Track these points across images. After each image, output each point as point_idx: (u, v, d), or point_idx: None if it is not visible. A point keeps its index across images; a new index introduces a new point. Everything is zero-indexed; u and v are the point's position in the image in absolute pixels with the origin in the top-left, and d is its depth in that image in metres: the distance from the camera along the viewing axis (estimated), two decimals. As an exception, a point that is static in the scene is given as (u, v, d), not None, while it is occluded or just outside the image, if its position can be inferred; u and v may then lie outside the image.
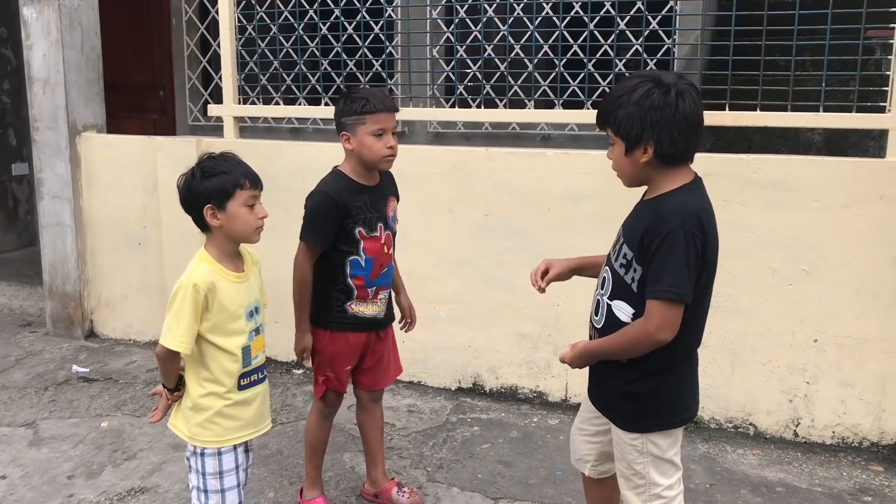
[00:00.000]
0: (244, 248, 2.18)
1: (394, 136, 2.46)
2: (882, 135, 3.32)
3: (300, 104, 4.51)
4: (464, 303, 3.68)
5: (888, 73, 3.10)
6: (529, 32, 3.90)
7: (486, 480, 2.96)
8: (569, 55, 4.09)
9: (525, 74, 4.15)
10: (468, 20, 4.37)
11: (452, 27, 4.41)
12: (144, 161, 4.25)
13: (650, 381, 1.86)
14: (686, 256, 1.72)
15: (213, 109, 4.22)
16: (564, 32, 3.91)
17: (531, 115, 3.90)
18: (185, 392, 2.12)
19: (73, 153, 4.38)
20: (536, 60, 3.91)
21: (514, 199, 3.54)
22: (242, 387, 2.11)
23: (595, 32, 3.82)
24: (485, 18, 4.21)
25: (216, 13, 4.20)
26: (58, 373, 4.03)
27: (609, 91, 1.90)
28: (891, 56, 3.09)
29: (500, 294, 3.60)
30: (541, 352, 3.58)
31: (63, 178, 4.39)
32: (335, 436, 3.28)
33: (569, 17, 3.85)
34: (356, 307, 2.53)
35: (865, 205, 3.05)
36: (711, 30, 3.91)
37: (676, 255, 1.72)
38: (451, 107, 4.31)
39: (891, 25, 3.12)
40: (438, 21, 4.73)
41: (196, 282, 2.00)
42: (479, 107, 4.28)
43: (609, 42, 3.78)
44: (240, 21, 4.25)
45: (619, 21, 3.75)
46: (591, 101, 3.88)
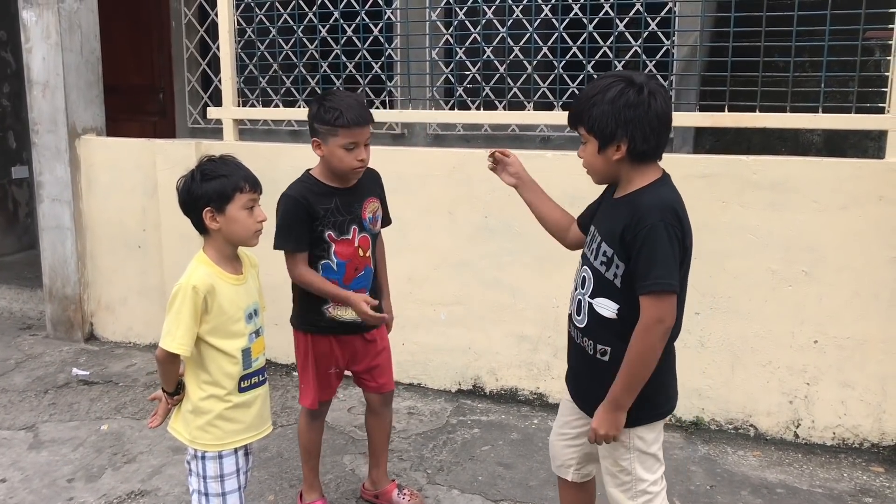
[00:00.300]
0: (242, 251, 2.18)
1: (366, 148, 2.43)
2: (881, 136, 3.33)
3: (300, 106, 4.50)
4: (464, 305, 3.68)
5: (887, 74, 3.10)
6: (529, 34, 3.90)
7: (487, 482, 2.96)
8: (568, 57, 4.09)
9: (524, 76, 4.14)
10: (467, 22, 4.36)
11: (452, 29, 4.41)
12: (144, 164, 4.25)
13: None
14: (671, 248, 1.76)
15: (213, 112, 4.22)
16: (563, 34, 3.91)
17: (531, 117, 3.90)
18: (186, 395, 2.12)
19: (73, 156, 4.38)
20: (536, 62, 3.90)
21: (514, 201, 3.47)
22: (243, 389, 2.11)
23: (594, 34, 3.82)
24: (484, 20, 4.21)
25: (215, 16, 4.20)
26: (58, 376, 4.02)
27: (581, 91, 1.93)
28: (890, 57, 3.09)
29: (500, 296, 3.60)
30: (541, 353, 3.58)
31: (63, 181, 4.40)
32: (335, 438, 3.28)
33: (568, 19, 3.85)
34: (334, 311, 2.51)
35: (865, 206, 3.05)
36: (710, 31, 3.91)
37: (662, 248, 1.75)
38: (451, 108, 4.30)
39: (890, 26, 3.12)
40: (437, 23, 4.73)
41: (195, 284, 2.00)
42: (479, 108, 4.27)
43: (608, 43, 3.78)
44: (239, 24, 4.24)
45: (618, 22, 3.75)
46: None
